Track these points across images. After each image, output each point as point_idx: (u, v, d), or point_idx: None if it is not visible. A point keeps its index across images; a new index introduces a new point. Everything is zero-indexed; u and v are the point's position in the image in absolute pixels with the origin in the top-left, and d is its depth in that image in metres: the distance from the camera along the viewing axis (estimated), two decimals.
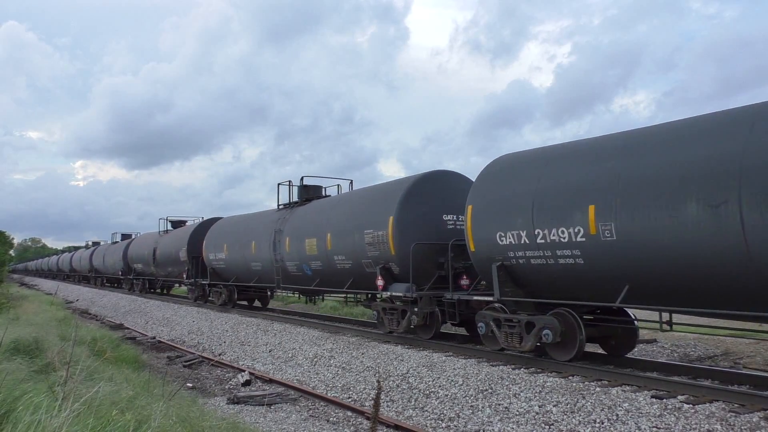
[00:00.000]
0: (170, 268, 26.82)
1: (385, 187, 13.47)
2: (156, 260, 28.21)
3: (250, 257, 18.61)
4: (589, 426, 6.80)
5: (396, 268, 12.13)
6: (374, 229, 12.45)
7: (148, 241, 30.49)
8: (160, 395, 6.21)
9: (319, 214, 15.30)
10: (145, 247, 30.71)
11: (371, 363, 10.83)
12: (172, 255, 25.74)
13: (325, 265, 14.56)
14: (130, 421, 4.21)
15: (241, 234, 19.56)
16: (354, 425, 8.22)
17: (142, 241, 32.41)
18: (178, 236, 25.95)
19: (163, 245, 27.56)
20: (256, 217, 19.78)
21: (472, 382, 8.78)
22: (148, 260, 29.49)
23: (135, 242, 34.04)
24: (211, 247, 21.69)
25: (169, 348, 15.88)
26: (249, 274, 19.16)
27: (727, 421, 6.25)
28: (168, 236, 28.09)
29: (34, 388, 5.14)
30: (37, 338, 9.36)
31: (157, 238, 29.18)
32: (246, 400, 9.52)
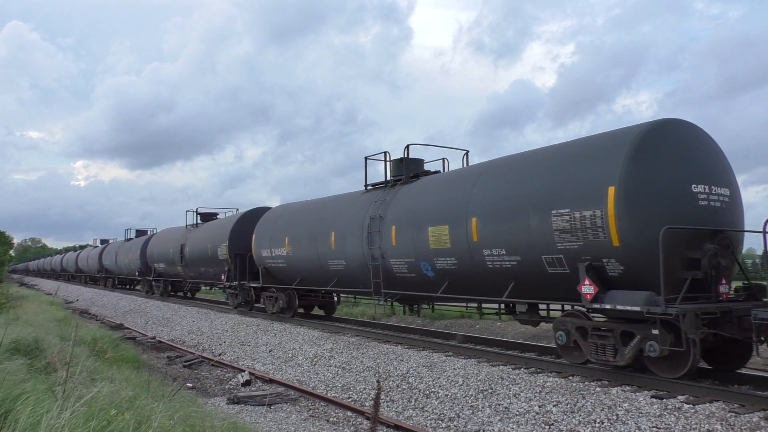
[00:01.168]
0: (203, 269, 22.80)
1: (586, 145, 8.91)
2: (185, 259, 24.21)
3: (327, 253, 14.60)
4: (589, 426, 6.80)
5: (615, 268, 8.05)
6: (573, 207, 8.32)
7: (174, 237, 26.24)
8: (160, 395, 6.21)
9: (449, 191, 11.07)
10: (169, 244, 26.45)
11: (371, 363, 10.84)
12: (207, 253, 21.68)
13: (462, 263, 10.46)
14: (130, 421, 4.21)
15: (312, 224, 15.46)
16: (354, 425, 8.22)
17: (165, 237, 28.20)
18: (216, 230, 21.74)
19: (194, 241, 23.42)
20: (333, 202, 15.54)
21: (472, 382, 8.78)
22: (174, 259, 25.47)
23: (156, 238, 29.75)
24: (265, 242, 17.59)
25: (169, 348, 15.88)
26: (323, 275, 15.05)
27: (727, 421, 6.25)
28: (200, 230, 23.79)
29: (34, 388, 5.14)
30: (37, 338, 9.35)
31: (185, 233, 25.00)
32: (246, 400, 9.52)
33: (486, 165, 10.96)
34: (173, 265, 25.93)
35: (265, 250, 17.59)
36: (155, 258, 28.66)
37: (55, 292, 34.85)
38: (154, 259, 28.81)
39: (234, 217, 21.12)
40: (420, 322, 17.67)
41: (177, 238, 25.69)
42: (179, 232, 26.19)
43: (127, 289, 37.77)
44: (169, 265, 26.72)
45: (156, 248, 28.73)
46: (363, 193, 14.32)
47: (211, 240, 21.45)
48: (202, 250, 22.23)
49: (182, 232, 25.52)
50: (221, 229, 21.00)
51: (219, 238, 20.73)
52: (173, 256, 25.53)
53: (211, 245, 21.37)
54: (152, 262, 29.22)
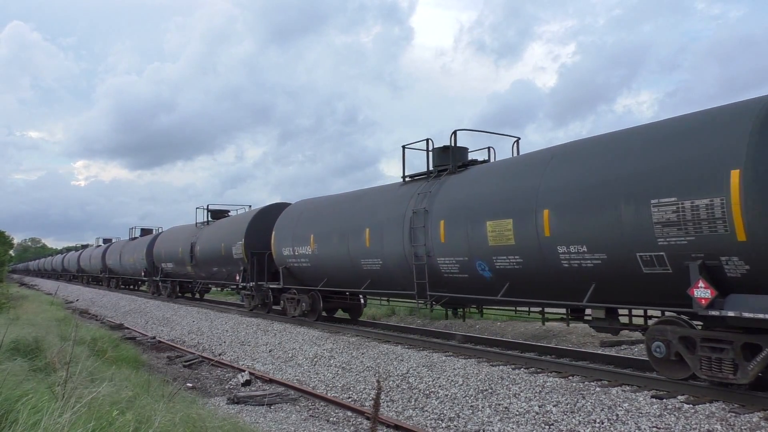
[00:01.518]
0: (215, 268, 21.43)
1: (696, 121, 7.46)
2: (195, 258, 22.85)
3: (360, 252, 13.19)
4: (589, 426, 6.80)
5: (737, 268, 6.71)
6: (681, 196, 7.03)
7: (183, 236, 24.90)
8: (160, 395, 6.21)
9: (513, 180, 9.78)
10: (178, 243, 25.12)
11: (371, 363, 10.84)
12: (220, 252, 20.30)
13: (529, 262, 9.19)
14: (131, 421, 4.21)
15: (343, 220, 14.15)
16: (354, 425, 8.22)
17: (173, 236, 26.75)
18: (230, 228, 20.26)
19: (206, 239, 22.08)
20: (368, 195, 14.07)
21: (472, 382, 8.78)
22: (183, 258, 24.07)
23: (164, 237, 28.43)
24: (286, 240, 16.27)
25: (169, 348, 15.88)
26: (355, 275, 13.69)
27: (727, 421, 6.25)
28: (212, 228, 22.46)
29: (34, 388, 5.14)
30: (37, 338, 9.36)
31: (196, 231, 23.77)
32: (246, 400, 9.52)
33: (559, 149, 9.51)
34: (182, 264, 24.58)
35: (286, 248, 16.26)
36: (162, 257, 27.35)
37: (55, 292, 34.85)
38: (162, 258, 27.50)
39: (250, 213, 19.68)
40: (420, 322, 17.65)
41: (186, 237, 24.41)
42: (189, 230, 24.91)
43: (131, 289, 36.74)
44: (177, 264, 25.37)
45: (163, 247, 27.42)
46: (401, 185, 12.91)
47: (225, 238, 20.04)
48: (215, 248, 20.91)
49: (192, 231, 24.21)
50: (236, 227, 19.48)
51: (234, 236, 19.27)
52: (182, 255, 24.22)
53: (224, 244, 19.96)
54: (159, 262, 27.94)
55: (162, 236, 29.03)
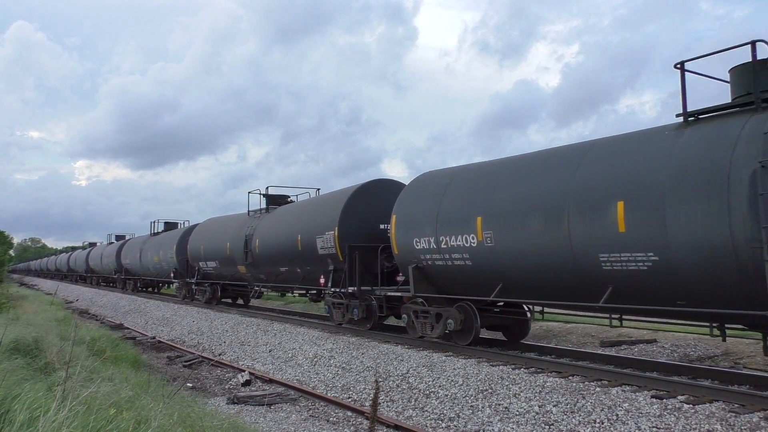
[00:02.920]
0: (285, 268, 16.67)
1: None
2: (253, 255, 18.21)
3: (599, 240, 8.15)
4: (589, 426, 6.79)
5: None
6: None
7: (231, 228, 20.51)
8: (159, 395, 6.21)
9: None
10: (224, 237, 20.64)
11: (371, 363, 10.83)
12: (296, 246, 15.48)
13: None
14: (130, 420, 4.21)
15: (553, 188, 8.99)
16: (354, 425, 8.22)
17: (216, 228, 22.24)
18: (311, 213, 15.51)
19: (270, 231, 17.48)
20: (614, 144, 8.70)
21: (472, 382, 8.77)
22: (233, 256, 19.80)
23: (202, 230, 23.52)
24: (421, 226, 11.42)
25: (169, 348, 15.88)
26: (577, 279, 8.68)
27: (727, 421, 6.24)
28: (276, 216, 17.79)
29: (34, 387, 5.13)
30: (36, 338, 9.35)
31: (250, 221, 19.19)
32: (246, 400, 9.52)
33: None
34: (231, 264, 20.17)
35: (421, 239, 11.37)
36: (201, 255, 22.57)
37: (54, 292, 34.85)
38: (200, 257, 22.71)
39: (344, 192, 14.52)
40: None
41: (236, 229, 19.82)
42: (238, 221, 20.33)
43: (153, 293, 32.60)
44: (224, 264, 20.79)
45: (202, 243, 22.53)
46: (691, 124, 7.72)
47: (304, 228, 15.35)
48: (286, 242, 16.18)
49: (244, 221, 19.68)
50: (322, 212, 14.83)
51: (318, 224, 14.65)
52: (232, 252, 19.83)
53: (302, 235, 15.26)
54: (196, 261, 23.22)
55: (199, 229, 23.99)
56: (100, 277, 43.95)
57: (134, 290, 33.99)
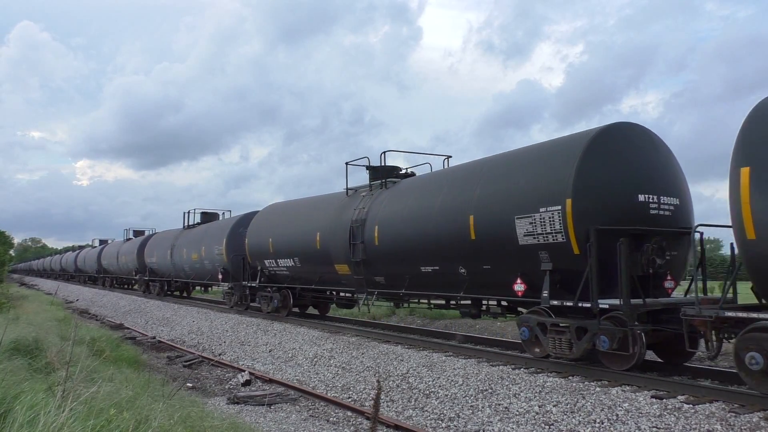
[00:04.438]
0: (435, 266, 11.35)
1: None
2: (369, 249, 12.97)
3: None
4: (589, 426, 6.79)
5: None
6: None
7: (324, 211, 15.28)
8: (159, 395, 6.21)
9: None
10: (312, 223, 15.48)
11: (371, 363, 10.83)
12: (468, 233, 10.19)
13: None
14: (130, 420, 4.21)
15: None
16: (354, 425, 8.22)
17: (292, 214, 17.03)
18: (501, 180, 10.02)
19: (399, 211, 12.39)
20: None
21: (472, 382, 8.77)
22: (328, 250, 14.52)
23: (267, 218, 18.24)
24: None
25: (169, 348, 15.88)
26: None
27: (727, 421, 6.25)
28: (408, 191, 12.69)
29: (34, 387, 5.14)
30: (36, 338, 9.35)
31: (357, 201, 13.96)
32: (246, 400, 9.52)
33: None
34: (322, 262, 15.08)
35: None
36: (269, 252, 17.34)
37: (54, 292, 34.81)
38: (267, 253, 17.56)
39: (574, 142, 9.15)
40: (420, 323, 17.64)
41: (333, 214, 14.79)
42: (334, 202, 15.26)
43: (183, 297, 28.29)
44: (308, 262, 15.77)
45: (271, 235, 17.38)
46: None
47: (485, 204, 10.12)
48: (441, 228, 11.03)
49: (343, 202, 14.73)
50: (528, 176, 9.51)
51: (521, 196, 9.44)
52: (326, 245, 14.68)
53: (484, 216, 10.05)
54: (259, 259, 18.10)
55: (262, 218, 18.73)
56: (115, 279, 39.01)
57: (161, 294, 28.93)
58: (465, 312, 12.09)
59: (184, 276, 25.89)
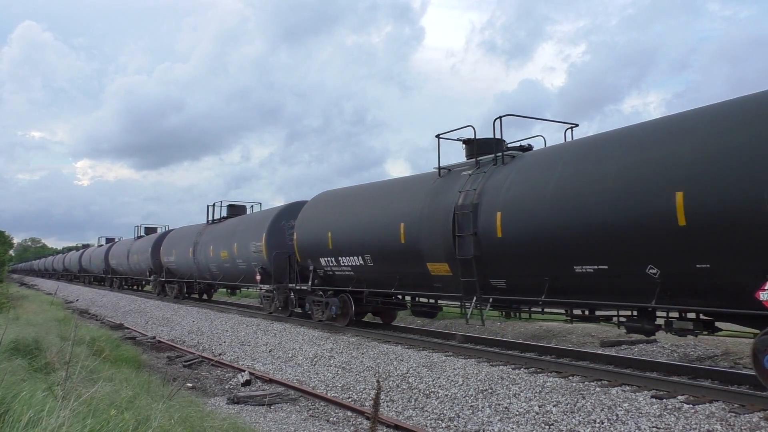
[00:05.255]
0: (610, 264, 8.19)
1: None
2: (490, 240, 9.91)
3: None
4: (589, 426, 6.79)
5: None
6: None
7: (411, 194, 12.26)
8: (159, 395, 6.21)
9: None
10: (392, 210, 12.49)
11: (371, 363, 10.83)
12: (675, 213, 7.17)
13: None
14: (130, 420, 4.21)
15: None
16: (354, 425, 8.22)
17: (359, 201, 13.97)
18: (657, 147, 7.72)
19: (541, 189, 9.23)
20: None
21: (472, 382, 8.77)
22: (417, 245, 11.49)
23: (321, 208, 15.36)
24: None
25: (169, 348, 15.88)
26: None
27: (727, 421, 6.25)
28: (548, 162, 9.60)
29: (34, 387, 5.14)
30: (36, 338, 9.36)
31: (463, 181, 10.99)
32: (246, 400, 9.52)
33: None
34: (408, 260, 11.91)
35: None
36: (327, 248, 14.33)
37: (55, 292, 34.81)
38: (323, 250, 14.54)
39: None
40: (420, 322, 17.63)
41: (424, 198, 11.73)
42: (423, 184, 12.18)
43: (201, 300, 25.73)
44: (386, 260, 12.64)
45: (330, 228, 14.30)
46: None
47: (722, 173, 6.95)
48: (625, 206, 7.97)
49: (435, 184, 11.72)
50: None
51: None
52: (413, 238, 11.62)
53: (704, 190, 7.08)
54: (313, 257, 15.01)
55: (315, 208, 15.71)
56: (124, 279, 37.27)
57: (179, 297, 26.39)
58: (632, 327, 8.78)
59: (210, 277, 22.86)
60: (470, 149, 11.81)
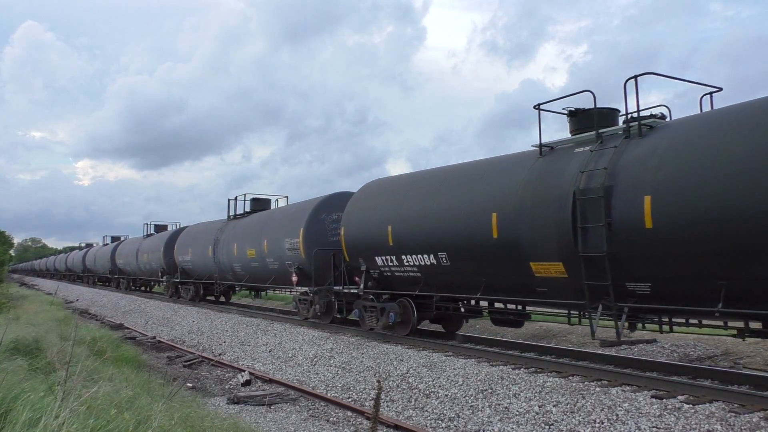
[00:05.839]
0: None
1: None
2: (636, 233, 7.80)
3: None
4: (589, 426, 6.79)
5: None
6: None
7: (509, 174, 10.06)
8: (159, 395, 6.22)
9: None
10: (480, 194, 10.39)
11: (371, 363, 10.83)
12: None
13: None
14: (130, 420, 4.21)
15: None
16: (354, 425, 8.22)
17: (432, 187, 11.75)
18: None
19: (726, 172, 6.92)
20: None
21: (472, 382, 8.78)
22: (516, 238, 9.45)
23: (372, 197, 13.45)
24: None
25: (169, 348, 15.89)
26: None
27: (727, 421, 6.25)
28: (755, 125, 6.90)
29: (34, 387, 5.14)
30: (37, 338, 9.37)
31: (589, 159, 8.62)
32: (246, 400, 9.52)
33: None
34: (500, 260, 10.04)
35: None
36: (386, 245, 12.33)
37: (55, 292, 34.78)
38: (378, 248, 12.62)
39: None
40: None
41: (536, 180, 9.49)
42: (519, 165, 10.07)
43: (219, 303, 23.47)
44: (469, 257, 10.56)
45: (390, 221, 12.29)
46: None
47: None
48: None
49: (558, 165, 9.33)
50: None
51: None
52: (524, 232, 9.38)
53: None
54: (366, 255, 13.09)
55: (364, 199, 13.75)
56: (132, 280, 34.50)
57: (194, 299, 24.22)
58: None
59: (232, 278, 20.50)
60: (580, 121, 9.75)
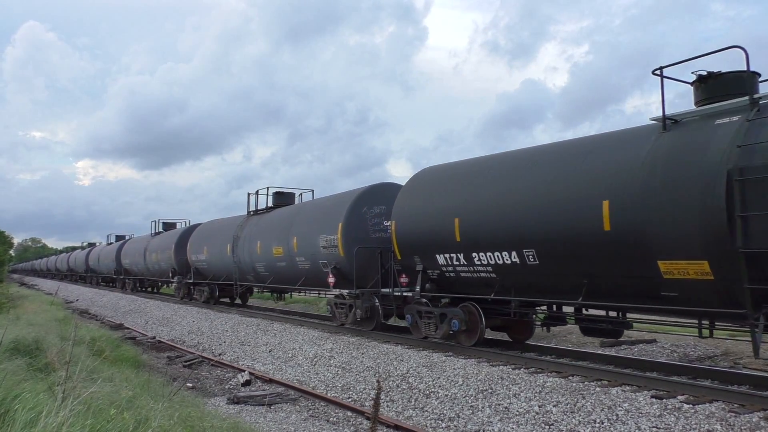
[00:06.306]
0: None
1: None
2: None
3: None
4: (589, 426, 6.79)
5: None
6: None
7: (619, 160, 8.10)
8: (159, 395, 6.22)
9: None
10: (602, 182, 8.21)
11: (371, 363, 10.83)
12: None
13: None
14: (130, 420, 4.21)
15: None
16: (354, 425, 8.22)
17: (513, 171, 9.81)
18: None
19: None
20: None
21: (472, 382, 8.77)
22: (647, 228, 7.52)
23: (435, 183, 11.51)
24: None
25: (169, 348, 15.88)
26: None
27: (727, 421, 6.25)
28: None
29: (34, 387, 5.14)
30: (37, 338, 9.36)
31: (741, 130, 6.89)
32: (246, 400, 9.52)
33: None
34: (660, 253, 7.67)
35: None
36: (476, 241, 10.12)
37: (55, 292, 34.79)
38: (448, 244, 10.65)
39: None
40: None
41: None
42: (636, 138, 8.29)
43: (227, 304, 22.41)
44: (559, 254, 8.89)
45: (476, 215, 10.16)
46: None
47: None
48: None
49: None
50: None
51: None
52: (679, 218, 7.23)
53: None
54: (434, 252, 10.99)
55: (418, 189, 11.90)
56: (139, 281, 32.65)
57: (209, 302, 22.74)
58: None
59: (254, 278, 18.81)
60: (711, 88, 8.11)
